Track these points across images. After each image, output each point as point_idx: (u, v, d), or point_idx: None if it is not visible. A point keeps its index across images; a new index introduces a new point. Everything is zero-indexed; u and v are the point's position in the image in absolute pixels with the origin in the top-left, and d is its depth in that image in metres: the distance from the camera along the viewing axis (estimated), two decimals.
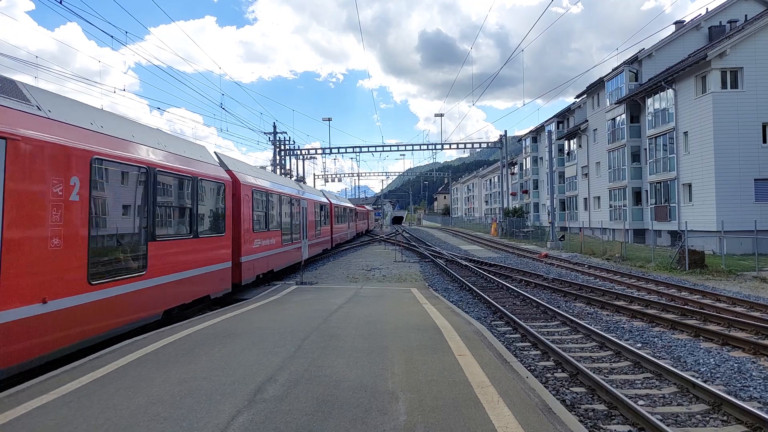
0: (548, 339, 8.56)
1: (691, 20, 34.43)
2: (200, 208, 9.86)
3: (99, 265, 6.74)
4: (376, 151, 46.35)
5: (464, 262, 21.94)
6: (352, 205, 42.30)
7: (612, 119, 37.03)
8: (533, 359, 7.64)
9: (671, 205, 29.34)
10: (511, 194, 61.05)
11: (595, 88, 41.02)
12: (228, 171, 11.96)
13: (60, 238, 5.99)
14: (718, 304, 11.59)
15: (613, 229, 35.78)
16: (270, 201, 14.82)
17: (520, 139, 67.35)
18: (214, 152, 12.20)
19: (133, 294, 7.45)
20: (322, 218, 24.56)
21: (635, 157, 34.99)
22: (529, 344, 8.51)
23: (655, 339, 8.87)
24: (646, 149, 33.20)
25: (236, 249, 11.89)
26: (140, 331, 7.76)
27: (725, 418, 5.33)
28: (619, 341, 8.11)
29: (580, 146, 45.53)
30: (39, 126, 5.81)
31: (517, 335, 9.17)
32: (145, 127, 8.85)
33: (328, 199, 27.57)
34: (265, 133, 39.85)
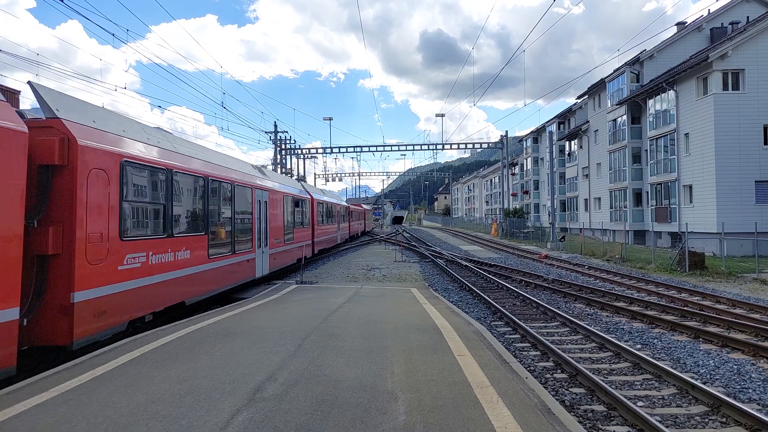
0: (548, 340, 8.56)
1: (693, 21, 34.42)
2: None
3: None
4: (377, 151, 46.36)
5: (464, 263, 21.94)
6: (344, 203, 38.11)
7: (613, 120, 37.01)
8: (533, 360, 7.64)
9: (672, 206, 29.33)
10: (512, 195, 61.05)
11: (597, 89, 41.01)
12: (50, 121, 6.27)
13: None
14: (718, 306, 11.59)
15: (614, 230, 35.76)
16: (182, 186, 9.39)
17: (520, 139, 67.33)
18: (29, 82, 6.57)
19: None
20: (299, 217, 20.08)
21: (636, 158, 34.99)
22: (528, 345, 8.52)
23: (655, 340, 8.87)
24: (647, 150, 33.19)
25: (62, 276, 6.19)
26: None
27: (724, 419, 5.34)
28: (618, 342, 8.11)
29: (580, 147, 45.51)
30: None
31: (517, 336, 9.18)
32: None
33: (308, 193, 23.07)
34: (266, 132, 40.00)
